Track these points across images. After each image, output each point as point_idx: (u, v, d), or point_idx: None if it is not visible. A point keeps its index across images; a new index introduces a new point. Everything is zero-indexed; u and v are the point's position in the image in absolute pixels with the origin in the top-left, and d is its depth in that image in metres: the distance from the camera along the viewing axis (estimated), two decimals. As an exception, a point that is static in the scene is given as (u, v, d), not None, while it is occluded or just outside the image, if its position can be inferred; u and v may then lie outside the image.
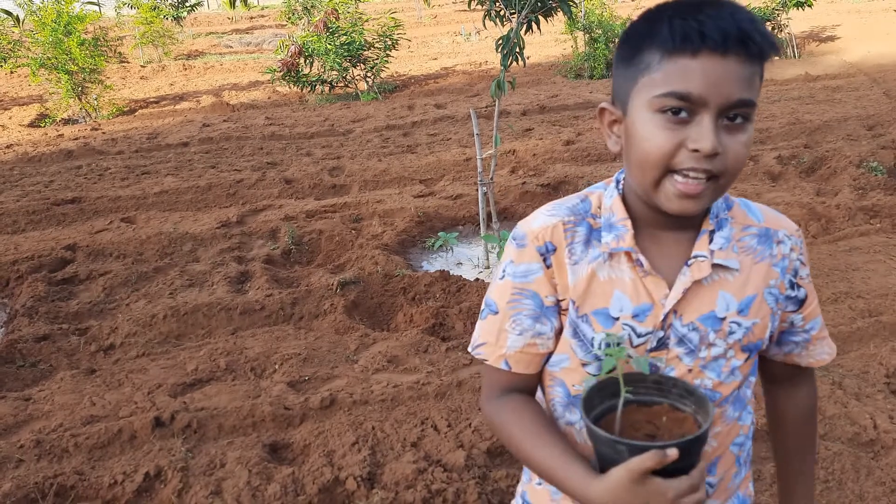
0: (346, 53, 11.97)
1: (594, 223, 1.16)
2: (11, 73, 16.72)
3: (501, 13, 4.42)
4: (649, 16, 1.03)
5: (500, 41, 4.32)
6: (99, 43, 12.01)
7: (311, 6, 21.18)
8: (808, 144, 7.00)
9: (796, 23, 14.15)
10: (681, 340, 1.12)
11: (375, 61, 12.44)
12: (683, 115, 0.99)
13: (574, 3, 4.04)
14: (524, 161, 7.27)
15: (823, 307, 3.82)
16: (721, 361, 1.14)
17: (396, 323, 4.20)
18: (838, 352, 3.42)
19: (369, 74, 12.51)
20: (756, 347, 1.17)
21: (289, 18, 22.85)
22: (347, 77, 12.40)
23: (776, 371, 1.30)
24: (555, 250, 1.15)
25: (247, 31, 27.02)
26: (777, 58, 0.96)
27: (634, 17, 1.09)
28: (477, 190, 5.74)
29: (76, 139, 9.67)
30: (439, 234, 5.00)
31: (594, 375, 1.14)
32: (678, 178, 1.01)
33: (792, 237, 1.18)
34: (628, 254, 1.12)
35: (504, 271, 1.19)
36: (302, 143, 8.81)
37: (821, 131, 7.48)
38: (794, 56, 13.34)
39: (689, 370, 1.13)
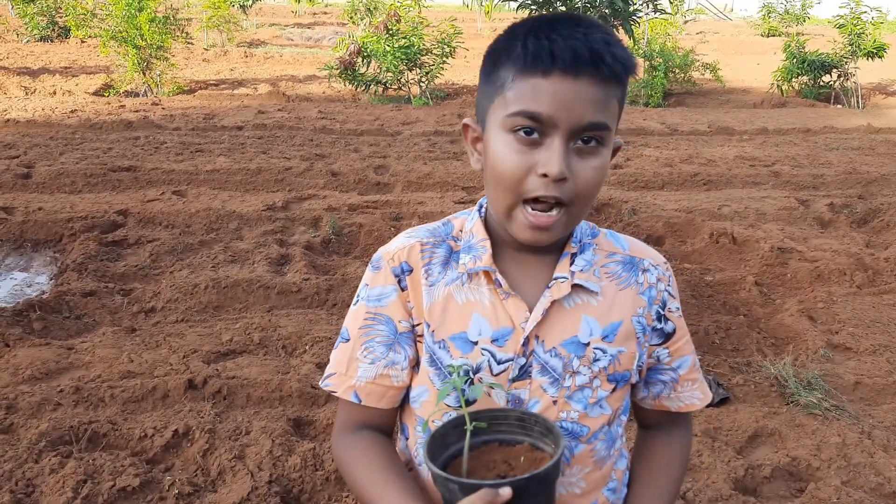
0: (403, 57, 12.11)
1: (455, 245, 1.11)
2: (82, 42, 17.23)
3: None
4: (509, 32, 1.01)
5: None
6: (168, 22, 12.33)
7: (374, 7, 21.48)
8: (862, 195, 6.90)
9: (865, 73, 13.92)
10: (543, 368, 1.06)
11: (431, 67, 12.56)
12: (535, 136, 0.96)
13: (637, 23, 4.08)
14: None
15: (861, 357, 3.77)
16: (587, 392, 1.08)
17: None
18: (871, 402, 3.38)
19: (423, 79, 12.63)
20: (623, 378, 1.11)
21: (351, 17, 23.19)
22: (402, 80, 12.54)
23: (651, 418, 1.24)
24: (411, 271, 1.10)
25: (308, 25, 27.46)
26: (634, 77, 1.03)
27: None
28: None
29: (137, 111, 9.95)
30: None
31: (454, 407, 1.05)
32: (529, 208, 0.98)
33: (658, 267, 1.15)
34: (487, 274, 1.07)
35: (358, 296, 1.14)
36: (351, 139, 8.94)
37: (877, 183, 7.36)
38: (858, 106, 13.15)
39: (554, 401, 1.07)
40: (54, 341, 3.60)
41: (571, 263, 1.08)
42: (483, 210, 1.13)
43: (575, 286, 1.08)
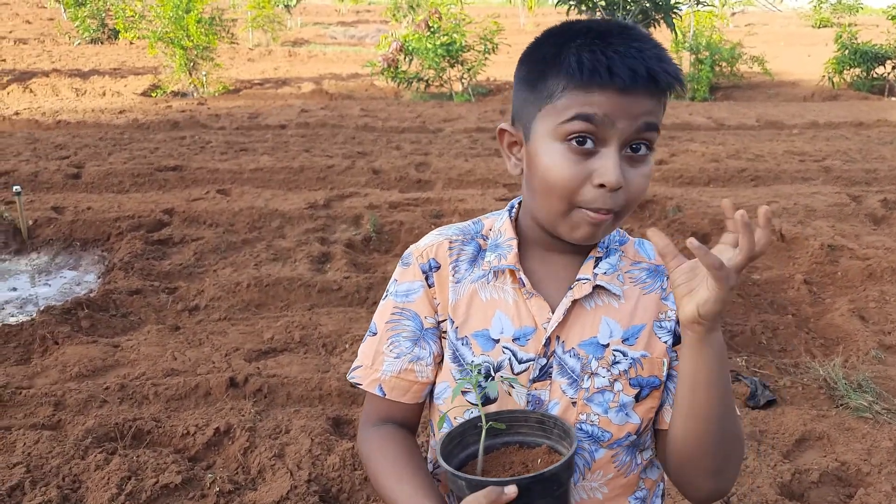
0: (445, 53, 12.10)
1: (483, 244, 1.13)
2: (131, 43, 17.65)
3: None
4: (555, 40, 1.00)
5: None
6: (214, 23, 12.55)
7: (416, 5, 21.53)
8: (916, 190, 6.67)
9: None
10: (563, 369, 1.06)
11: (473, 64, 12.53)
12: (588, 144, 0.96)
13: (679, 15, 3.99)
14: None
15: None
16: (608, 394, 1.06)
17: (467, 320, 4.23)
18: (924, 404, 3.26)
19: (465, 76, 12.61)
20: (649, 384, 1.08)
21: (393, 15, 23.29)
22: (444, 77, 12.54)
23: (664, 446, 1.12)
24: (438, 268, 1.12)
25: (352, 24, 27.67)
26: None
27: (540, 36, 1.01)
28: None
29: (183, 111, 10.14)
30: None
31: (475, 405, 1.05)
32: (587, 212, 0.98)
33: None
34: (513, 273, 1.08)
35: (388, 291, 1.16)
36: (393, 136, 8.98)
37: (933, 178, 7.11)
38: (914, 99, 12.73)
39: (573, 402, 1.06)
40: (101, 339, 3.69)
41: (595, 266, 1.09)
42: (513, 210, 1.14)
43: (597, 288, 1.08)
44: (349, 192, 6.50)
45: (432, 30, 12.28)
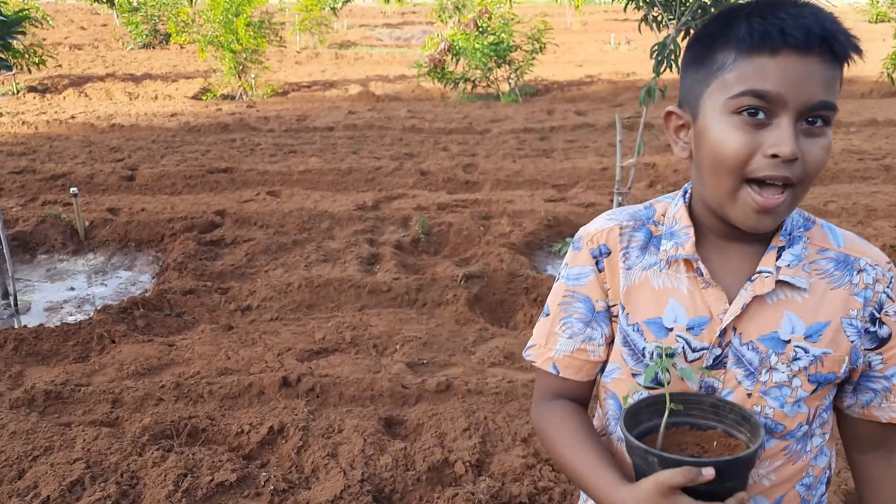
0: (492, 53, 12.05)
1: (655, 230, 1.11)
2: (182, 48, 18.02)
3: (659, 18, 4.32)
4: (724, 16, 0.98)
5: (656, 47, 4.23)
6: (263, 26, 12.72)
7: (462, 5, 21.52)
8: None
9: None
10: (739, 360, 1.04)
11: (520, 63, 12.46)
12: (761, 116, 0.93)
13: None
14: (664, 176, 7.07)
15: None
16: (785, 390, 1.04)
17: (516, 321, 4.20)
18: None
19: (512, 76, 12.54)
20: (827, 380, 1.06)
21: (439, 16, 23.33)
22: (491, 77, 12.49)
23: (860, 433, 1.15)
24: (609, 254, 1.11)
25: (397, 25, 27.82)
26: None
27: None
28: (611, 200, 5.65)
29: (233, 114, 10.30)
30: (567, 239, 4.93)
31: (645, 387, 1.08)
32: (755, 189, 0.95)
33: (877, 267, 1.06)
34: (688, 262, 1.06)
35: (559, 274, 1.18)
36: (440, 137, 8.97)
37: None
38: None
39: (749, 394, 1.05)
40: (156, 338, 3.75)
41: (778, 258, 1.04)
42: (688, 196, 1.11)
43: (779, 282, 1.04)
44: (397, 193, 6.51)
45: (481, 29, 12.23)
